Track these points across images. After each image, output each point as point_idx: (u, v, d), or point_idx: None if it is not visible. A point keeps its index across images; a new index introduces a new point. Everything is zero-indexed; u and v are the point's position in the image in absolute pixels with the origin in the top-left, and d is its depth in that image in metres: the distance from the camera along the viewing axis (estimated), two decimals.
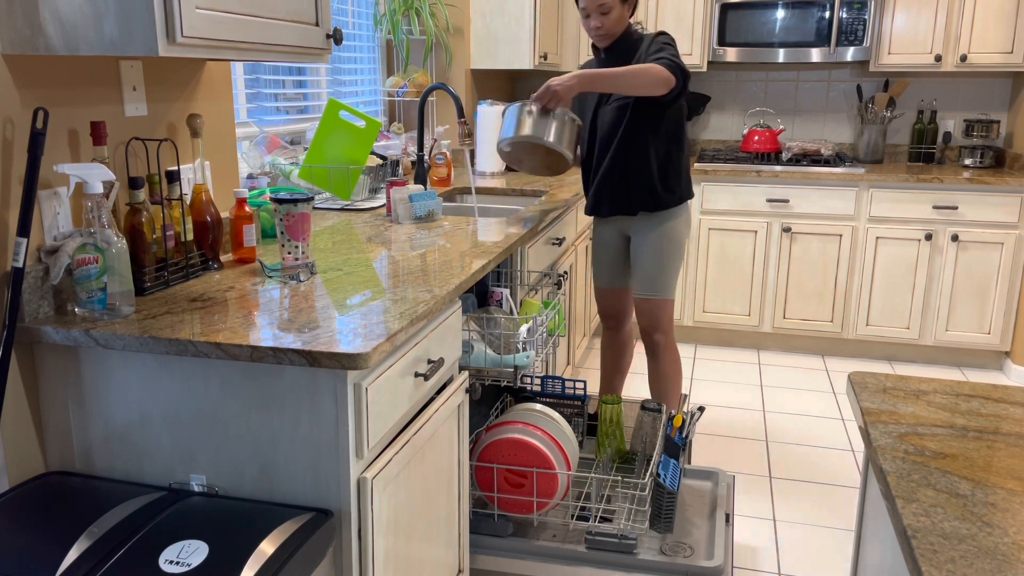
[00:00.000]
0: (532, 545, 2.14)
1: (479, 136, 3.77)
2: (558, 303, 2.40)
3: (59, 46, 1.41)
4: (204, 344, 1.40)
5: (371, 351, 1.37)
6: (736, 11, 4.17)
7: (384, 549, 1.55)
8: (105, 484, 1.49)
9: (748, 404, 3.63)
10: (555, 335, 2.37)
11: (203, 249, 1.88)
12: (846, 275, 4.09)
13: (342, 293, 1.72)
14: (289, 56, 1.74)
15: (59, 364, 1.53)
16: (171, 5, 1.36)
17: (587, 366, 4.06)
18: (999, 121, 4.22)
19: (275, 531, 1.33)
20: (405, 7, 3.62)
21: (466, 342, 2.12)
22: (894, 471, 1.00)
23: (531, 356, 2.11)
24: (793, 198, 4.06)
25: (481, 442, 2.15)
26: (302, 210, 1.84)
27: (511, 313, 2.35)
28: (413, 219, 2.56)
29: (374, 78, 3.85)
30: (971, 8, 3.94)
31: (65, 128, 1.62)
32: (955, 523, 0.88)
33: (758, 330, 4.27)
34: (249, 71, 2.85)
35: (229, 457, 1.49)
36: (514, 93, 4.93)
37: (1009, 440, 1.09)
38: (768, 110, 4.64)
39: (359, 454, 1.45)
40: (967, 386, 1.28)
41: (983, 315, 3.96)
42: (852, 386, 1.28)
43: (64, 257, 1.53)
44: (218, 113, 2.09)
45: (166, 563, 1.23)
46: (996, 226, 3.87)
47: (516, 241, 2.32)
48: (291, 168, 2.72)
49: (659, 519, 2.16)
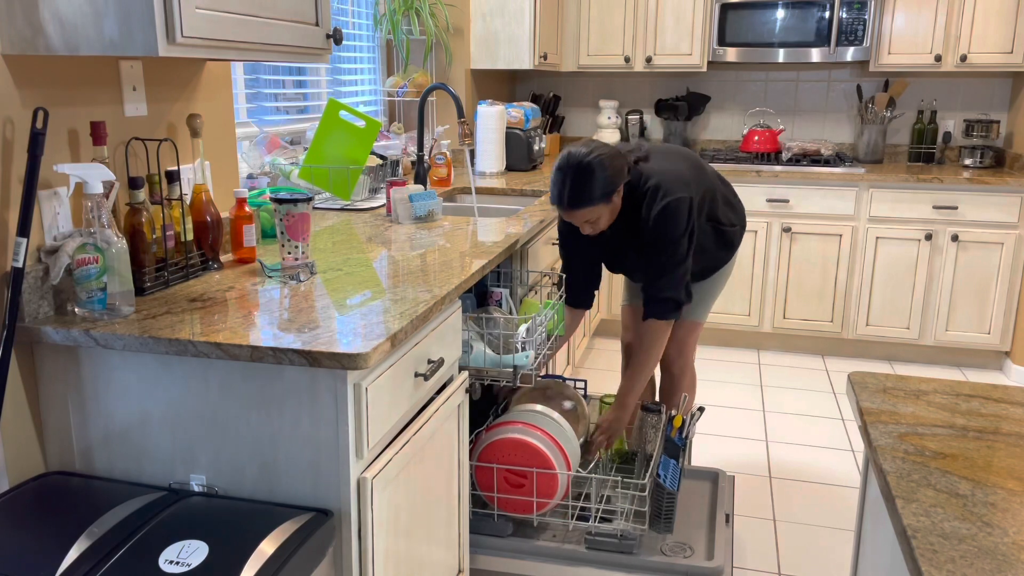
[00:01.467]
0: (532, 545, 2.14)
1: (479, 136, 3.77)
2: (557, 303, 2.40)
3: (59, 46, 1.41)
4: (204, 344, 1.40)
5: (371, 351, 1.37)
6: (736, 11, 4.17)
7: (384, 549, 1.55)
8: (105, 484, 1.49)
9: (748, 404, 3.63)
10: (554, 335, 2.37)
11: (203, 249, 1.88)
12: (846, 275, 4.09)
13: (342, 293, 1.72)
14: (289, 56, 1.74)
15: (59, 364, 1.53)
16: (171, 5, 1.36)
17: (587, 366, 4.06)
18: (999, 121, 4.22)
19: (275, 531, 1.33)
20: (405, 7, 3.62)
21: (465, 342, 2.12)
22: (894, 471, 1.00)
23: (530, 356, 2.11)
24: (793, 198, 4.06)
25: (481, 442, 2.15)
26: (302, 210, 1.84)
27: (510, 313, 2.35)
28: (413, 219, 2.56)
29: (374, 78, 3.85)
30: (971, 8, 3.94)
31: (65, 128, 1.62)
32: (955, 523, 0.88)
33: (758, 330, 4.26)
34: (249, 71, 2.85)
35: (229, 457, 1.49)
36: (514, 93, 4.93)
37: (1009, 440, 1.09)
38: (768, 110, 4.64)
39: (359, 454, 1.45)
40: (967, 386, 1.28)
41: (983, 315, 3.96)
42: (852, 386, 1.28)
43: (64, 257, 1.53)
44: (218, 113, 2.09)
45: (166, 563, 1.23)
46: (996, 226, 3.87)
47: (516, 241, 2.32)
48: (291, 168, 2.72)
49: (659, 519, 2.16)
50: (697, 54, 4.30)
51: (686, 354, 2.65)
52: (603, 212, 2.19)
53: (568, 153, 2.17)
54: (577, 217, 2.19)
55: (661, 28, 4.31)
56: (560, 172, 2.15)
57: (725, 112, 4.72)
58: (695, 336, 2.64)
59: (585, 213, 2.17)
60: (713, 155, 4.48)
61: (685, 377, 2.69)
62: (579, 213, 2.17)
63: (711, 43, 4.25)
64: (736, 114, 4.70)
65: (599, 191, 2.14)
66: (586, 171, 2.12)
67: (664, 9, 4.29)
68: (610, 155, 2.16)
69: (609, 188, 2.15)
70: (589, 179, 2.13)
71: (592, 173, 2.13)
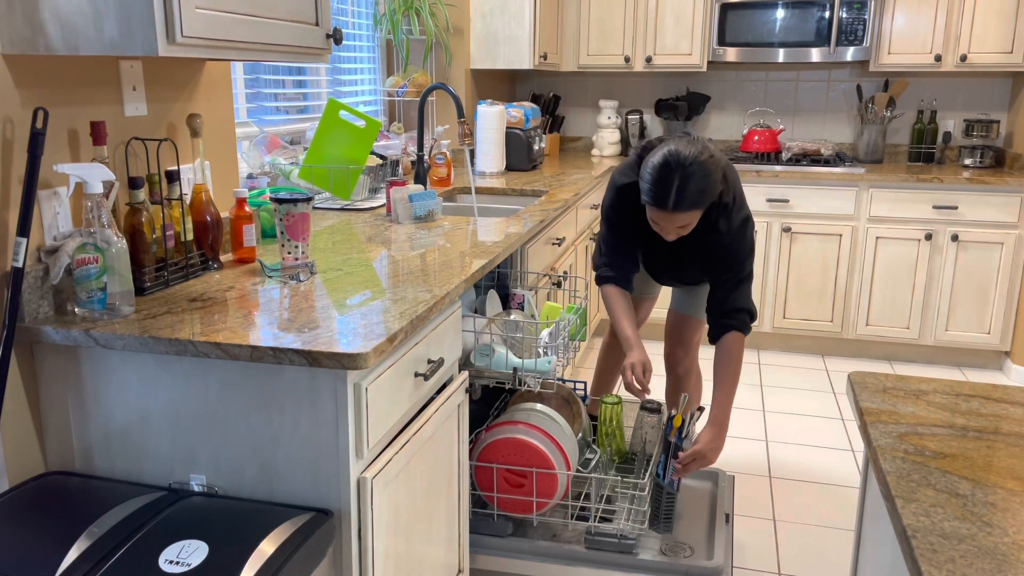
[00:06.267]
0: (532, 545, 2.14)
1: (479, 136, 3.77)
2: (581, 307, 2.38)
3: (59, 46, 1.41)
4: (204, 344, 1.40)
5: (371, 351, 1.37)
6: (736, 11, 4.17)
7: (384, 549, 1.55)
8: (105, 484, 1.49)
9: (748, 404, 3.63)
10: (576, 340, 2.35)
11: (203, 249, 1.88)
12: (846, 275, 4.09)
13: (342, 293, 1.72)
14: (289, 56, 1.74)
15: (59, 364, 1.53)
16: (171, 5, 1.36)
17: (587, 366, 4.06)
18: (999, 121, 4.22)
19: (275, 531, 1.33)
20: (405, 7, 3.62)
21: (487, 345, 2.11)
22: (894, 471, 1.00)
23: (553, 361, 2.10)
24: (793, 198, 4.06)
25: (481, 442, 2.15)
26: (302, 210, 1.84)
27: (532, 316, 2.34)
28: (413, 219, 2.56)
29: (374, 78, 3.85)
30: (971, 8, 3.94)
31: (65, 128, 1.62)
32: (955, 523, 0.88)
33: (758, 330, 4.26)
34: (249, 71, 2.85)
35: (229, 457, 1.49)
36: (514, 93, 4.93)
37: (1009, 440, 1.09)
38: (768, 110, 4.64)
39: (359, 454, 1.45)
40: (967, 386, 1.28)
41: (983, 315, 3.96)
42: (852, 386, 1.28)
43: (64, 257, 1.53)
44: (218, 113, 2.09)
45: (166, 563, 1.23)
46: (996, 226, 3.87)
47: (516, 241, 2.32)
48: (291, 168, 2.72)
49: (659, 519, 2.16)
50: (697, 54, 4.29)
51: (692, 354, 2.65)
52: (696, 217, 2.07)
53: (676, 152, 2.01)
54: (676, 220, 2.05)
55: (661, 28, 4.31)
56: (667, 170, 2.00)
57: (725, 112, 4.72)
58: (700, 335, 2.64)
59: (686, 217, 2.04)
60: None
61: (691, 377, 2.68)
62: (680, 216, 2.04)
63: (711, 43, 4.25)
64: (736, 114, 4.70)
65: (709, 196, 2.02)
66: (698, 173, 1.99)
67: (664, 9, 4.29)
68: (716, 158, 2.06)
69: (716, 193, 2.05)
70: (703, 181, 2.00)
71: (707, 176, 2.00)
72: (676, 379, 2.67)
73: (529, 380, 2.08)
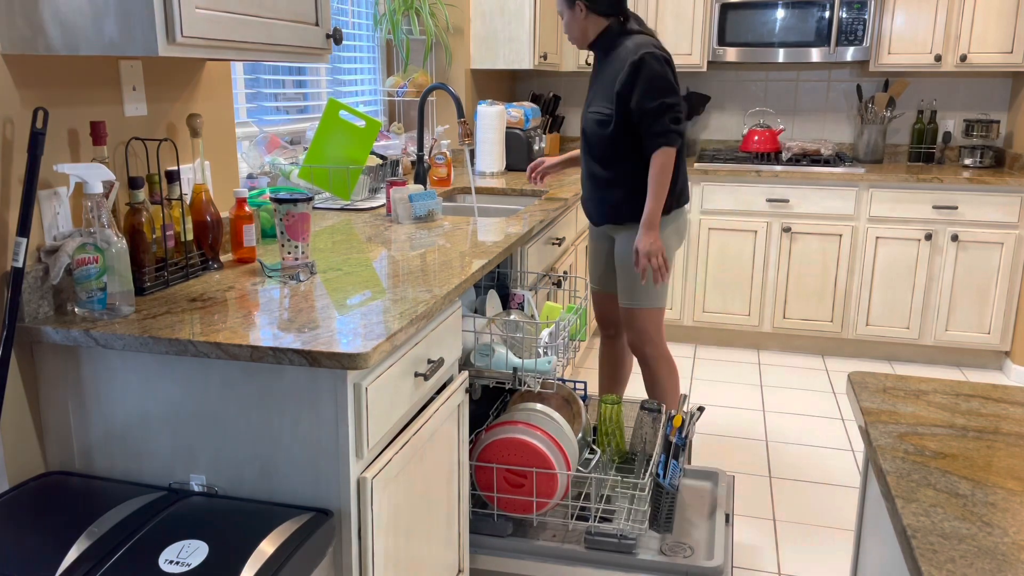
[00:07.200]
0: (532, 545, 2.14)
1: (479, 136, 3.77)
2: (581, 308, 2.38)
3: (59, 46, 1.41)
4: (204, 344, 1.40)
5: (371, 351, 1.37)
6: (736, 11, 4.17)
7: (384, 549, 1.55)
8: (105, 484, 1.49)
9: (748, 404, 3.63)
10: (576, 340, 2.35)
11: (203, 249, 1.88)
12: (846, 275, 4.09)
13: (342, 293, 1.72)
14: (289, 56, 1.74)
15: (59, 364, 1.53)
16: (171, 5, 1.36)
17: (587, 366, 4.06)
18: (999, 121, 4.22)
19: (275, 531, 1.33)
20: (405, 7, 3.62)
21: (487, 345, 2.12)
22: (894, 471, 1.00)
23: (553, 361, 2.10)
24: (793, 198, 4.06)
25: (481, 442, 2.15)
26: (302, 210, 1.84)
27: (532, 316, 2.34)
28: (413, 219, 2.56)
29: (374, 78, 3.85)
30: (971, 8, 3.94)
31: (65, 128, 1.62)
32: (955, 523, 0.88)
33: (758, 330, 4.26)
34: (249, 71, 2.85)
35: (229, 457, 1.49)
36: (514, 93, 4.93)
37: (1009, 440, 1.09)
38: (768, 110, 4.64)
39: (359, 454, 1.45)
40: (967, 386, 1.28)
41: (983, 315, 3.96)
42: (852, 386, 1.28)
43: (64, 257, 1.53)
44: (218, 113, 2.09)
45: (166, 563, 1.23)
46: (996, 226, 3.87)
47: (516, 241, 2.32)
48: (291, 168, 2.72)
49: (659, 519, 2.16)
50: (697, 54, 4.29)
51: (650, 338, 2.67)
52: (564, 8, 2.52)
53: None
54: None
55: (661, 28, 4.31)
56: None
57: (725, 112, 4.72)
58: (654, 323, 2.66)
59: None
60: (713, 155, 4.48)
61: (661, 363, 2.70)
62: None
63: (711, 43, 4.25)
64: (736, 114, 4.70)
65: None
66: None
67: (664, 9, 4.29)
68: None
69: None
70: None
71: None
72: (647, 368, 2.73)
73: (529, 380, 2.09)
